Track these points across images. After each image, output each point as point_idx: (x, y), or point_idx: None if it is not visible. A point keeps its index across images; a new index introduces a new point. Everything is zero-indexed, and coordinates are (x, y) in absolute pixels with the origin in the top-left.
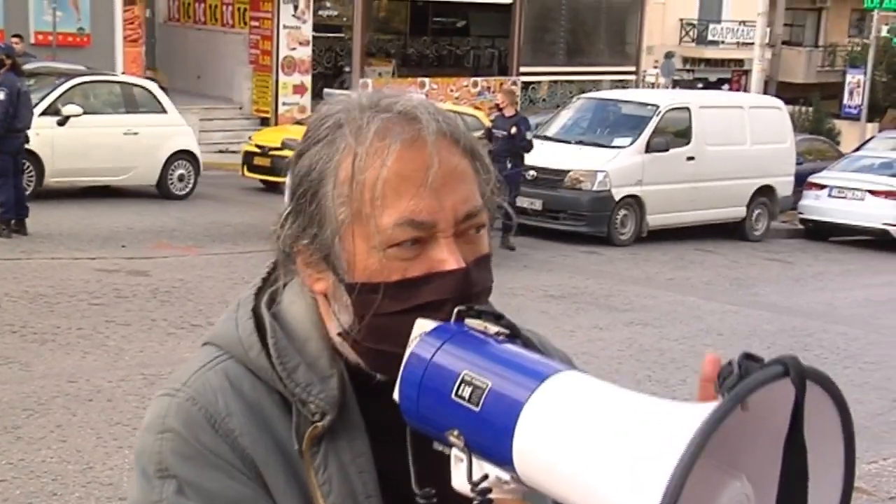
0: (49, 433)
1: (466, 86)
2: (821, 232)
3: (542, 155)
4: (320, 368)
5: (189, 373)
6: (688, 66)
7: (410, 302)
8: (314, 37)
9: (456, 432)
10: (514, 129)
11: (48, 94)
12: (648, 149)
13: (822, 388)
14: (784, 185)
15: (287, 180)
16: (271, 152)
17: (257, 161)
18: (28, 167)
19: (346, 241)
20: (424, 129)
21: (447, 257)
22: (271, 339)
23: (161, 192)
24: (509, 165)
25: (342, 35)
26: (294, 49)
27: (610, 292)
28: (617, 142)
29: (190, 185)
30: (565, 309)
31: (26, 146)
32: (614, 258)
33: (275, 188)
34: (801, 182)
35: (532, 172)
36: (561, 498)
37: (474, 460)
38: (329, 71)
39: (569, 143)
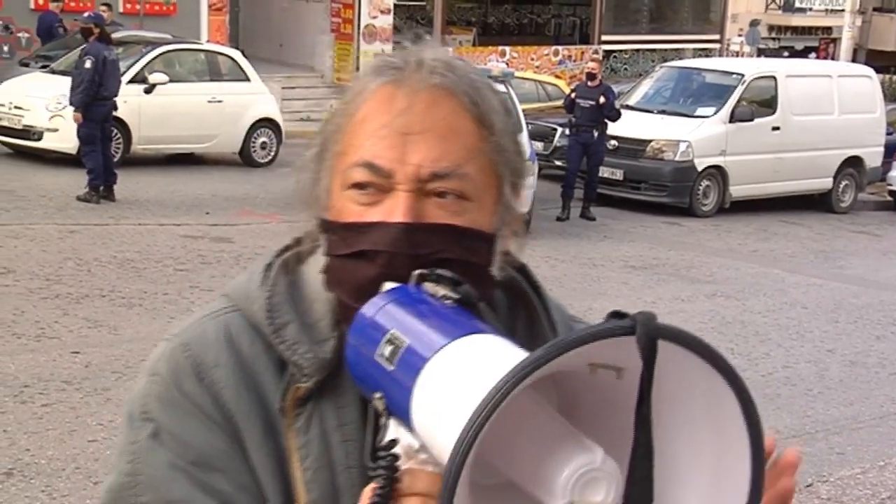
0: None
1: (547, 54)
2: None
3: (623, 124)
4: (319, 330)
5: (191, 321)
6: (773, 35)
7: (353, 247)
8: (395, 5)
9: (378, 395)
10: (602, 99)
11: (135, 62)
12: (732, 118)
13: (706, 360)
14: (873, 156)
15: None
16: None
17: None
18: (116, 134)
19: (329, 177)
20: (415, 75)
21: (395, 210)
22: (267, 293)
23: (244, 159)
24: (595, 135)
25: (423, 3)
26: (375, 17)
27: (692, 264)
28: (700, 111)
29: (272, 153)
30: (646, 280)
31: (114, 113)
32: (696, 229)
33: None
34: (891, 153)
35: (613, 142)
36: (439, 460)
37: (394, 426)
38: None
39: (651, 112)
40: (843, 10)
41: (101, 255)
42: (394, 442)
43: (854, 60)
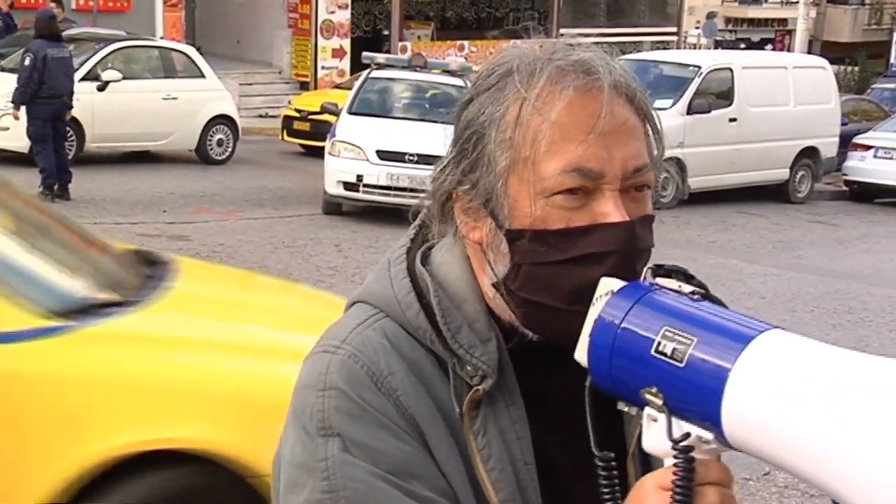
0: None
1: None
2: (866, 194)
3: None
4: (479, 330)
5: (346, 330)
6: (730, 27)
7: (571, 252)
8: (352, 0)
9: (654, 390)
10: None
11: (88, 59)
12: (690, 110)
13: None
14: (828, 147)
15: (452, 128)
16: (311, 116)
17: (297, 125)
18: (69, 133)
19: (509, 186)
20: (600, 79)
21: (611, 210)
22: (434, 299)
23: (200, 156)
24: None
25: None
26: (333, 13)
27: (651, 255)
28: (658, 103)
29: (229, 150)
30: None
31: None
32: (655, 221)
33: (314, 152)
34: (846, 143)
35: None
36: (778, 461)
37: (672, 419)
38: (368, 34)
39: None
40: (797, 3)
41: None
42: (687, 434)
43: (809, 52)
